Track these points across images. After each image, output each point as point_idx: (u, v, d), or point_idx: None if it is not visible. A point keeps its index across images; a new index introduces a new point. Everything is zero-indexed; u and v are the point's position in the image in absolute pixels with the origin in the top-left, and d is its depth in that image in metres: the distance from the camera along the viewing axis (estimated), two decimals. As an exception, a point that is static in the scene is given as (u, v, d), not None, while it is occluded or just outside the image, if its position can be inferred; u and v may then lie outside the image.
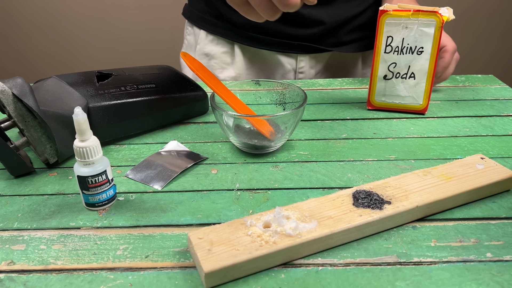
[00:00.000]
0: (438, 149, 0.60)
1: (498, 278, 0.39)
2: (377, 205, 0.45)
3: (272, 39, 0.85)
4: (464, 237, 0.44)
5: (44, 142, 0.55)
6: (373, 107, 0.72)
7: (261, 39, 0.85)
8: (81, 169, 0.46)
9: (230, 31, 0.86)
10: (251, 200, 0.50)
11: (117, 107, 0.60)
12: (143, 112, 0.63)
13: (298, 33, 0.83)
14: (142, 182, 0.54)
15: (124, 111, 0.61)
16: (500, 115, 0.69)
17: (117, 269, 0.41)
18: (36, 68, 1.99)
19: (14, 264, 0.42)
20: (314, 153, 0.60)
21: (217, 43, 0.89)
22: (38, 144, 0.55)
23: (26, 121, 0.53)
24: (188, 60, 0.62)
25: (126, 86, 0.63)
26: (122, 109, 0.61)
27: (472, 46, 1.98)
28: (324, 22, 0.82)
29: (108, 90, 0.62)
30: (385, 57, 0.67)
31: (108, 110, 0.60)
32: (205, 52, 0.90)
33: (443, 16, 0.63)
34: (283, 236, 0.41)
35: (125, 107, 0.61)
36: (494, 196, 0.50)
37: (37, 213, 0.49)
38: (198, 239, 0.41)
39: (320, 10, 0.81)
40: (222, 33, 0.87)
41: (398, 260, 0.41)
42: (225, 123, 0.58)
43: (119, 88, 0.62)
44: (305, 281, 0.39)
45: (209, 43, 0.89)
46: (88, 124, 0.45)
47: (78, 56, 1.98)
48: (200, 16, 0.90)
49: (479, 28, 1.94)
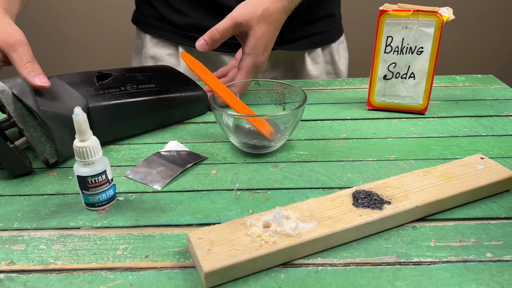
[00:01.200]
0: (438, 149, 0.60)
1: (498, 278, 0.39)
2: (377, 205, 0.45)
3: None
4: (464, 237, 0.44)
5: (44, 142, 0.55)
6: (373, 107, 0.72)
7: None
8: (81, 169, 0.46)
9: (172, 33, 0.86)
10: (251, 200, 0.50)
11: (117, 107, 0.60)
12: (143, 112, 0.63)
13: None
14: (142, 182, 0.54)
15: (124, 111, 0.61)
16: (500, 115, 0.69)
17: (117, 269, 0.41)
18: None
19: (14, 264, 0.42)
20: (314, 153, 0.60)
21: (162, 46, 0.89)
22: (38, 144, 0.55)
23: (26, 121, 0.53)
24: (188, 60, 0.62)
25: (126, 86, 0.63)
26: (122, 109, 0.61)
27: (472, 46, 1.98)
28: None
29: (108, 90, 0.62)
30: (385, 57, 0.67)
31: (108, 110, 0.60)
32: (150, 55, 0.90)
33: (443, 16, 0.63)
34: (283, 236, 0.41)
35: (125, 107, 0.61)
36: (494, 196, 0.50)
37: (37, 213, 0.49)
38: (198, 239, 0.41)
39: None
40: (166, 35, 0.87)
41: (398, 260, 0.41)
42: (225, 123, 0.58)
43: (119, 88, 0.62)
44: (305, 281, 0.39)
45: (154, 46, 0.89)
46: (88, 124, 0.45)
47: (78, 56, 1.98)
48: (144, 20, 0.90)
49: (479, 28, 1.94)
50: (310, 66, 0.92)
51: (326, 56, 0.93)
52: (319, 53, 0.92)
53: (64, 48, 1.96)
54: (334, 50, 0.94)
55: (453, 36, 1.92)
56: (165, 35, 0.88)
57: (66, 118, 0.54)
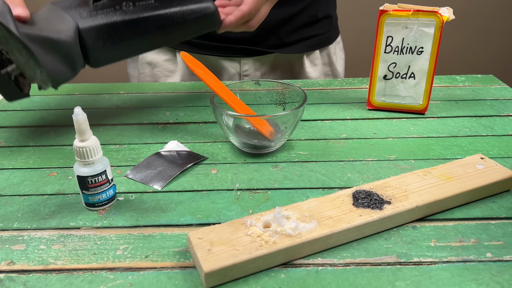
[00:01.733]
0: (438, 149, 0.60)
1: (498, 278, 0.39)
2: (377, 205, 0.45)
3: (213, 44, 0.84)
4: (464, 237, 0.44)
5: (33, 66, 0.51)
6: (373, 107, 0.72)
7: (202, 45, 0.84)
8: (81, 169, 0.46)
9: None
10: (251, 200, 0.50)
11: (111, 26, 0.56)
12: (142, 32, 0.58)
13: (238, 35, 0.82)
14: (142, 182, 0.54)
15: (119, 31, 0.57)
16: (500, 115, 0.69)
17: (117, 269, 0.41)
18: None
19: (14, 264, 0.42)
20: (314, 153, 0.60)
21: (159, 51, 0.88)
22: (27, 68, 0.51)
23: (9, 44, 0.50)
24: (188, 60, 0.62)
25: (122, 4, 0.58)
26: (116, 28, 0.57)
27: (472, 46, 1.98)
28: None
29: (102, 10, 0.57)
30: (385, 57, 0.67)
31: (101, 31, 0.56)
32: (147, 61, 0.89)
33: (443, 16, 0.63)
34: (283, 236, 0.41)
35: (119, 26, 0.57)
36: (494, 196, 0.50)
37: (37, 213, 0.49)
38: (198, 239, 0.41)
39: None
40: None
41: (398, 260, 0.41)
42: (225, 123, 0.58)
43: (114, 7, 0.58)
44: (305, 281, 0.39)
45: (151, 52, 0.88)
46: (88, 124, 0.45)
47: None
48: None
49: (479, 28, 1.94)
50: (309, 69, 0.92)
51: (324, 58, 0.93)
52: (317, 55, 0.91)
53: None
54: (332, 51, 0.94)
55: (453, 36, 1.92)
56: None
57: (54, 42, 0.51)
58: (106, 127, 0.68)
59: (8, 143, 0.63)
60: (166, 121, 0.69)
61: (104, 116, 0.71)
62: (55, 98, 0.78)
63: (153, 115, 0.71)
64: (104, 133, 0.66)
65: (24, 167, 0.58)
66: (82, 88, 0.82)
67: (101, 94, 0.80)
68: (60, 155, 0.60)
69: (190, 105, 0.75)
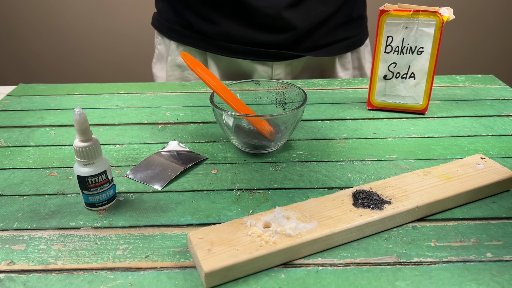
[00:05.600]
0: (438, 149, 0.60)
1: (498, 278, 0.39)
2: (377, 205, 0.45)
3: (245, 48, 0.83)
4: (464, 237, 0.44)
5: None
6: (373, 107, 0.72)
7: (233, 48, 0.83)
8: (81, 169, 0.46)
9: (201, 41, 0.84)
10: (251, 200, 0.50)
11: None
12: None
13: (271, 39, 0.81)
14: (142, 182, 0.54)
15: None
16: (500, 115, 0.69)
17: (117, 269, 0.41)
18: (36, 68, 1.99)
19: (14, 264, 0.42)
20: (314, 153, 0.60)
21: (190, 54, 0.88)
22: None
23: None
24: (188, 60, 0.62)
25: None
26: None
27: (473, 46, 1.98)
28: (296, 26, 0.79)
29: None
30: (385, 57, 0.67)
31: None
32: (177, 63, 0.88)
33: (443, 16, 0.63)
34: (283, 236, 0.41)
35: None
36: (494, 196, 0.50)
37: (37, 213, 0.49)
38: (198, 239, 0.41)
39: (292, 14, 0.78)
40: (194, 43, 0.85)
41: (398, 260, 0.41)
42: (225, 123, 0.57)
43: None
44: (305, 281, 0.39)
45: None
46: (88, 124, 0.45)
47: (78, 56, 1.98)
48: (170, 27, 0.87)
49: (479, 28, 1.94)
50: (340, 73, 0.91)
51: (354, 61, 0.92)
52: (348, 59, 0.90)
53: (64, 48, 1.96)
54: (362, 55, 0.93)
55: (453, 36, 1.92)
56: (193, 43, 0.85)
57: None
58: (106, 127, 0.68)
59: (8, 143, 0.63)
60: (166, 121, 0.69)
61: (104, 116, 0.71)
62: (55, 98, 0.78)
63: (153, 115, 0.71)
64: (104, 133, 0.66)
65: (24, 167, 0.58)
66: (82, 88, 0.82)
67: (101, 94, 0.80)
68: (60, 155, 0.60)
69: (190, 105, 0.75)
